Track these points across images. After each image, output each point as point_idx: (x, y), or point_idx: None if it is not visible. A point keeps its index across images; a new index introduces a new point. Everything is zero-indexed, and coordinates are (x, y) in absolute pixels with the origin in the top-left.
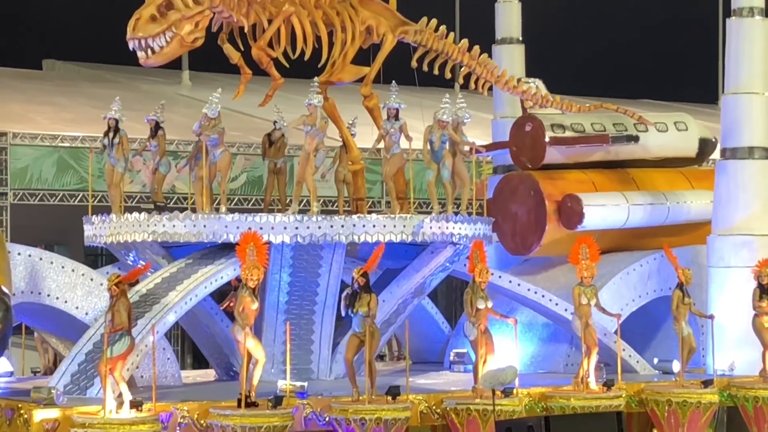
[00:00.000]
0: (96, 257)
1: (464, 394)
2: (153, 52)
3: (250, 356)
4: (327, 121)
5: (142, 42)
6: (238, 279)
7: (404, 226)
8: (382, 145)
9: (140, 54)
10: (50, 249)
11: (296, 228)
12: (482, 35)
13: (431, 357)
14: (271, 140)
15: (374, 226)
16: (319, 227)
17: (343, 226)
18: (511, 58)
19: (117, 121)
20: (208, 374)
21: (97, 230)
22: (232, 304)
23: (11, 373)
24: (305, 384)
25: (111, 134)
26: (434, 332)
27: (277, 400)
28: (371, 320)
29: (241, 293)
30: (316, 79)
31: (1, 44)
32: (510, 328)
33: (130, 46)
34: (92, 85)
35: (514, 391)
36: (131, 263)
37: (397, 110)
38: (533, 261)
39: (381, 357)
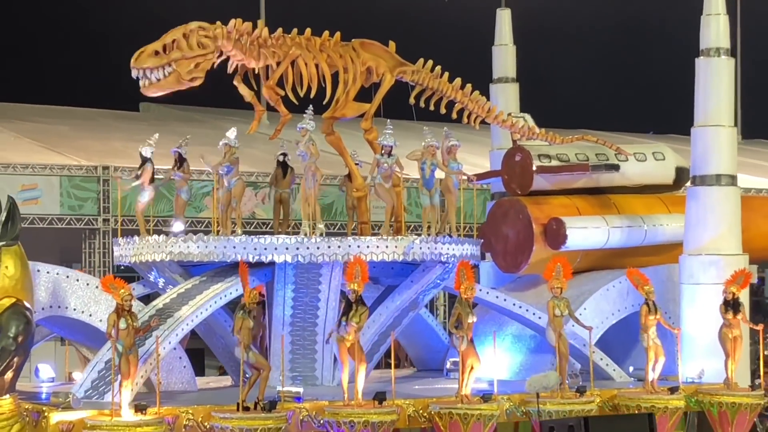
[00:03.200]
0: None
1: (448, 399)
2: (150, 82)
3: (257, 370)
4: (315, 144)
5: (140, 72)
6: None
7: (396, 246)
8: (376, 172)
9: (141, 83)
10: None
11: (297, 249)
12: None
13: (433, 365)
14: (285, 172)
15: (368, 246)
16: (318, 248)
17: (339, 246)
18: (506, 96)
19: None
20: (227, 380)
21: (123, 251)
22: None
23: (53, 379)
24: (301, 390)
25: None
26: (435, 342)
27: (272, 405)
28: (357, 332)
29: (238, 315)
30: (310, 107)
31: (104, 88)
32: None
33: (132, 74)
34: (183, 125)
35: (493, 396)
36: (153, 280)
37: (391, 147)
38: (525, 278)
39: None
